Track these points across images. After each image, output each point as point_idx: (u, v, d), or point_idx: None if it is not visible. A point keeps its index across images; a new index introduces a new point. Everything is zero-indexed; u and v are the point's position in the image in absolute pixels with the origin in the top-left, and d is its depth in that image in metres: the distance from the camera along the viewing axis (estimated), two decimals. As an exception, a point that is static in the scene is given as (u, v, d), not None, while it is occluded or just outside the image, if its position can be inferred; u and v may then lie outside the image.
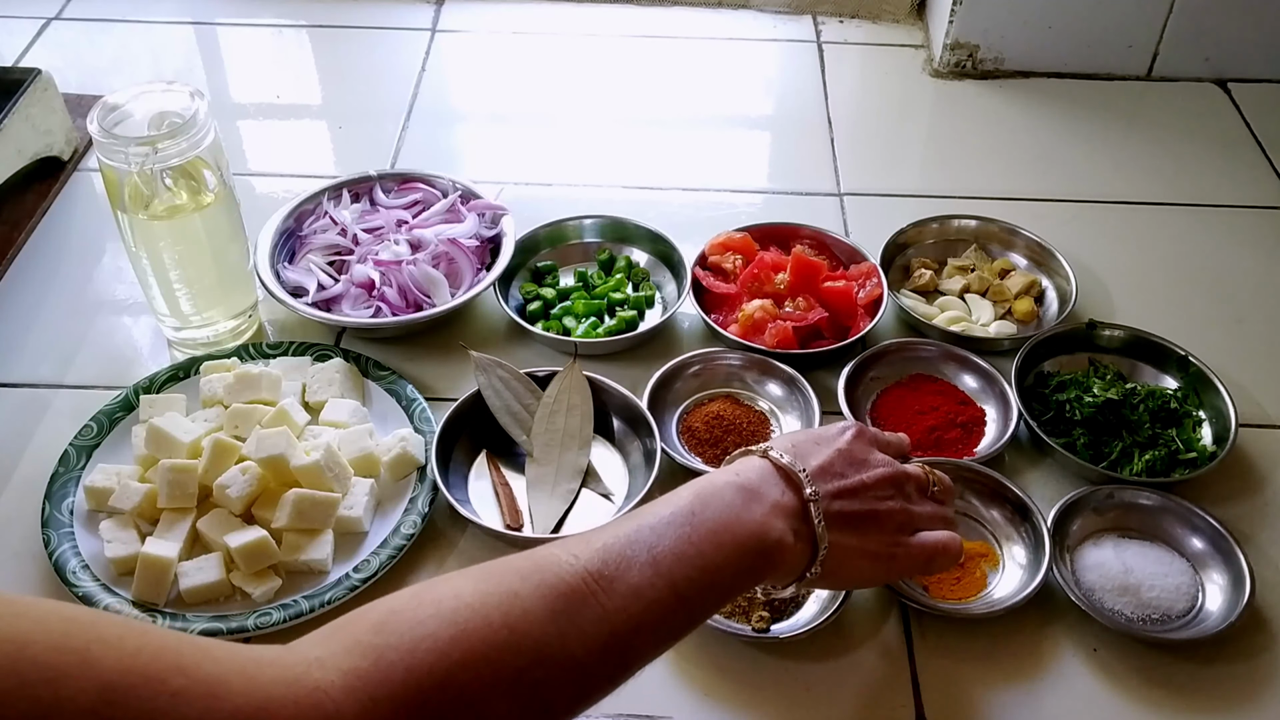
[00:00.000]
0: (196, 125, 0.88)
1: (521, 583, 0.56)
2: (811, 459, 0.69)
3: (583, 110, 1.33)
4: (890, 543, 0.70)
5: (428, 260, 1.01)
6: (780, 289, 1.02)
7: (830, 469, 0.69)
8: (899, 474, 0.72)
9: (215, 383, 0.92)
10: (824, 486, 0.67)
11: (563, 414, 0.91)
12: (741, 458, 0.70)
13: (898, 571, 0.73)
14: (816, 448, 0.70)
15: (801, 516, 0.66)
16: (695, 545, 0.61)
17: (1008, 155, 1.26)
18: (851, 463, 0.70)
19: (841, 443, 0.71)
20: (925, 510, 0.73)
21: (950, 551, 0.72)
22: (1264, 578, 0.83)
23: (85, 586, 0.80)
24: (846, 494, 0.68)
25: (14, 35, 1.42)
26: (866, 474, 0.70)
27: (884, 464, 0.71)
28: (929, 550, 0.71)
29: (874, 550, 0.69)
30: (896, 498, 0.71)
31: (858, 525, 0.68)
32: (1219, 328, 1.05)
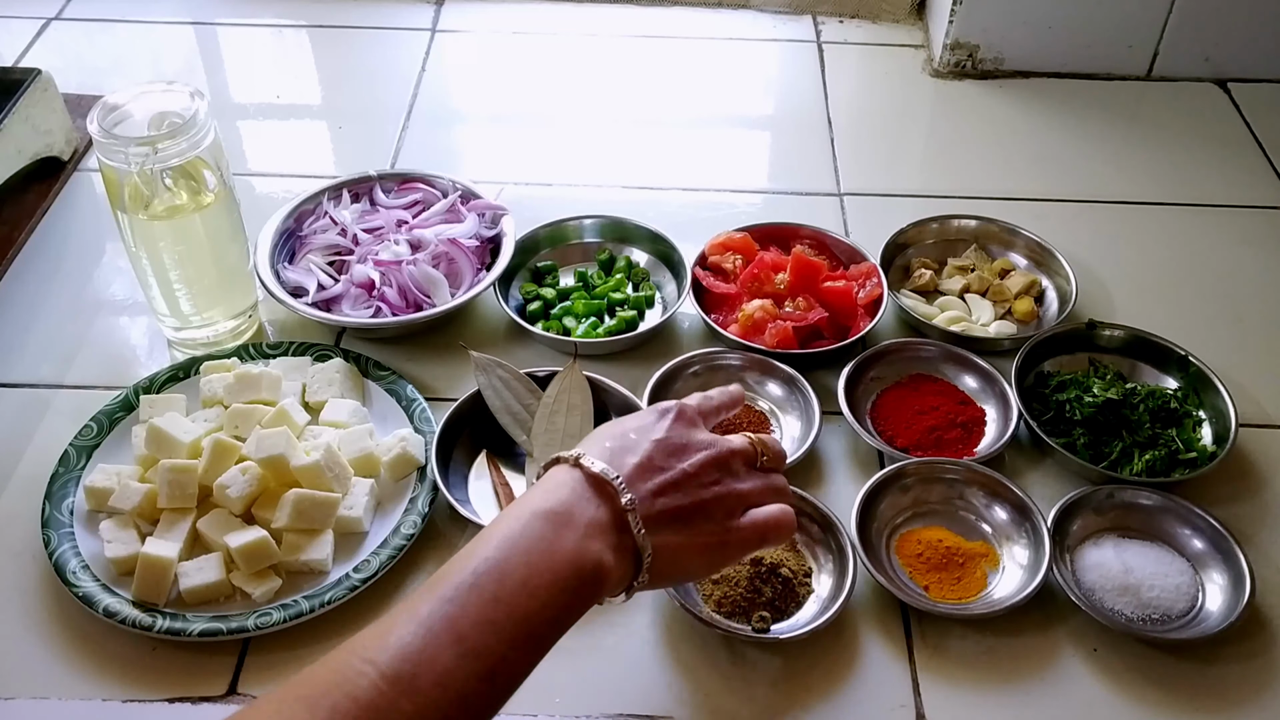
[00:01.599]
0: (196, 125, 0.88)
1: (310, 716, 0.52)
2: (628, 457, 0.66)
3: (583, 110, 1.33)
4: (720, 530, 0.68)
5: (428, 260, 1.01)
6: (780, 289, 1.02)
7: (649, 465, 0.66)
8: (723, 454, 0.69)
9: (215, 383, 0.92)
10: (643, 487, 0.65)
11: (563, 414, 0.91)
12: (554, 467, 0.67)
13: (731, 557, 0.70)
14: (634, 442, 0.67)
15: (619, 528, 0.63)
16: (505, 604, 0.58)
17: (1008, 155, 1.26)
18: (672, 452, 0.68)
19: (659, 431, 0.68)
20: (754, 486, 0.70)
21: (783, 525, 0.70)
22: (1264, 578, 0.83)
23: (85, 586, 0.80)
24: (669, 489, 0.66)
25: (14, 35, 1.42)
26: (688, 462, 0.67)
27: (706, 446, 0.69)
28: (760, 529, 0.69)
29: (704, 542, 0.67)
30: (723, 480, 0.68)
31: (684, 520, 0.66)
32: (1219, 328, 1.05)
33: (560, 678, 0.78)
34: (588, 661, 0.79)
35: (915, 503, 0.88)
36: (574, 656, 0.79)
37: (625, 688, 0.77)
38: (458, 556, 0.61)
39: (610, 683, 0.78)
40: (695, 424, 0.71)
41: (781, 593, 0.81)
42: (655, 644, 0.80)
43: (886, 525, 0.87)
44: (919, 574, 0.83)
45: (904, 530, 0.87)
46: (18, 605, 0.81)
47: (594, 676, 0.78)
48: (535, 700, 0.76)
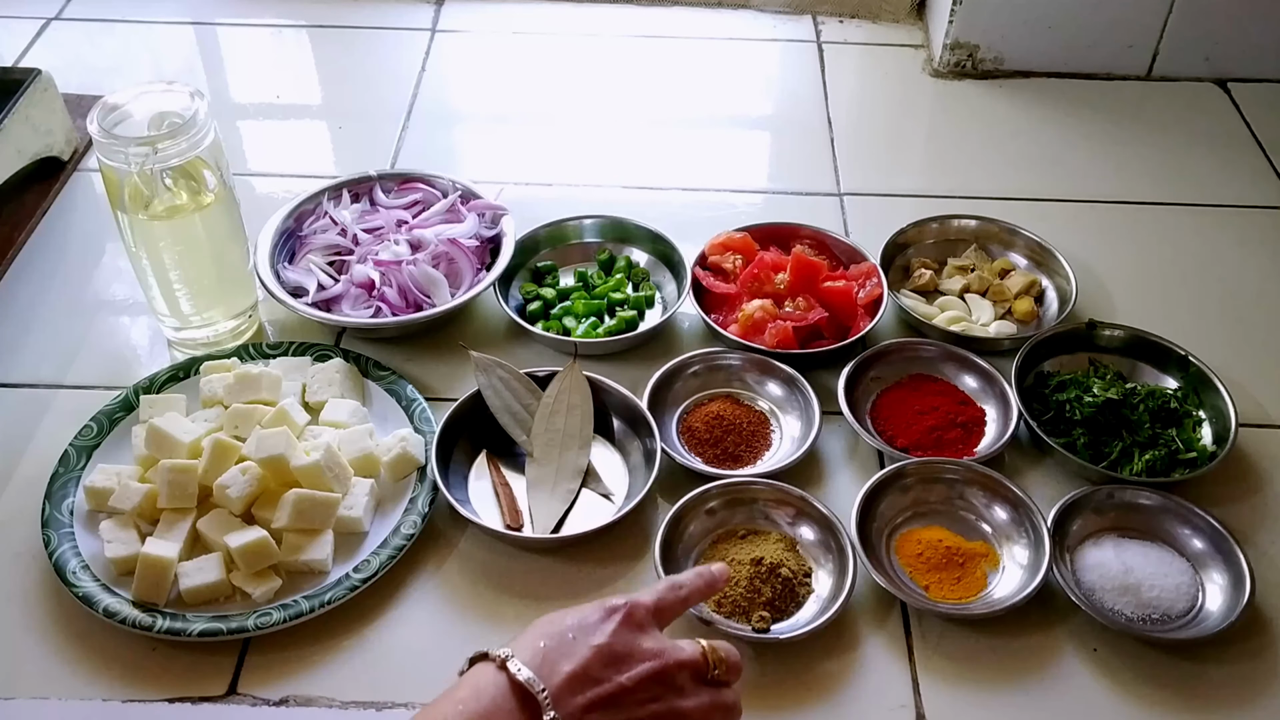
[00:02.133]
0: (196, 125, 0.88)
1: None
2: (561, 664, 0.61)
3: (583, 110, 1.33)
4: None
5: (428, 260, 1.01)
6: (780, 289, 1.02)
7: (584, 676, 0.61)
8: (668, 667, 0.63)
9: (215, 383, 0.92)
10: (572, 702, 0.60)
11: (563, 414, 0.91)
12: (480, 664, 0.63)
13: None
14: (570, 645, 0.62)
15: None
16: None
17: (1008, 155, 1.26)
18: (611, 661, 0.62)
19: (601, 635, 0.63)
20: (697, 704, 0.64)
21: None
22: (1264, 578, 0.83)
23: (85, 587, 0.80)
24: (602, 704, 0.61)
25: (14, 35, 1.42)
26: (627, 675, 0.62)
27: (650, 657, 0.63)
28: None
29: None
30: (664, 698, 0.63)
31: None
32: (1219, 328, 1.05)
33: (560, 678, 0.78)
34: (588, 661, 0.79)
35: (915, 503, 0.88)
36: (574, 656, 0.79)
37: (625, 688, 0.77)
38: None
39: (610, 683, 0.78)
40: (644, 628, 0.65)
41: (781, 593, 0.81)
42: (655, 644, 0.80)
43: (886, 525, 0.87)
44: (919, 574, 0.83)
45: (904, 530, 0.87)
46: (18, 605, 0.81)
47: (594, 676, 0.78)
48: (535, 700, 0.76)
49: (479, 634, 0.80)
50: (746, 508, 0.87)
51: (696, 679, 0.65)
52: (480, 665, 0.62)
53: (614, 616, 0.64)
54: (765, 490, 0.87)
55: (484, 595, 0.83)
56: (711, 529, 0.86)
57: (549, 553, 0.86)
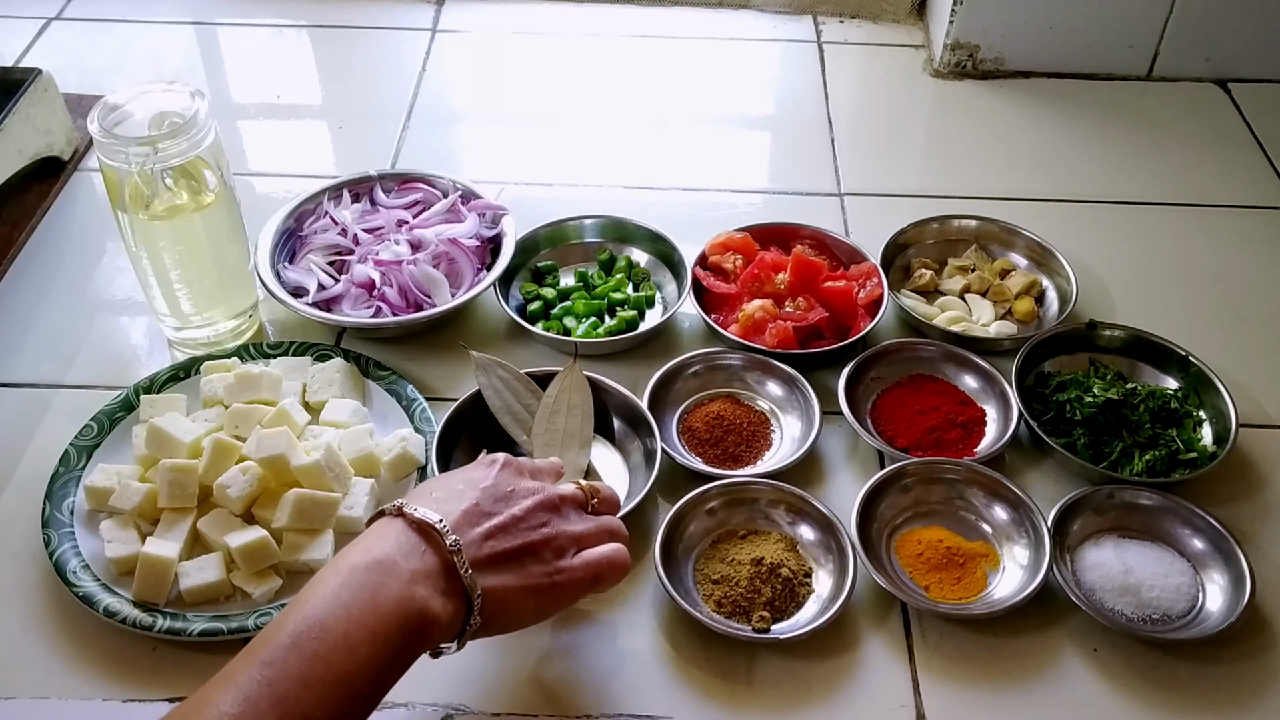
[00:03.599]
0: (197, 125, 0.88)
1: None
2: (454, 504, 0.66)
3: (583, 110, 1.33)
4: (551, 571, 0.68)
5: (428, 260, 1.01)
6: (780, 289, 1.02)
7: (476, 510, 0.67)
8: (551, 497, 0.70)
9: (215, 383, 0.92)
10: (470, 532, 0.65)
11: (563, 414, 0.91)
12: (378, 520, 0.67)
13: (564, 599, 0.70)
14: (460, 491, 0.68)
15: (447, 574, 0.63)
16: (325, 661, 0.57)
17: (1008, 155, 1.26)
18: (500, 497, 0.68)
19: (487, 480, 0.69)
20: (585, 528, 0.71)
21: (615, 564, 0.70)
22: (1264, 578, 0.83)
23: (85, 586, 0.80)
24: (497, 532, 0.66)
25: (14, 35, 1.42)
26: (517, 506, 0.68)
27: (535, 491, 0.70)
28: (593, 568, 0.69)
29: (535, 584, 0.67)
30: (552, 522, 0.69)
31: (513, 562, 0.66)
32: (1219, 328, 1.05)
33: (560, 678, 0.78)
34: (588, 661, 0.79)
35: (915, 503, 0.88)
36: (574, 656, 0.79)
37: (625, 688, 0.77)
38: (276, 618, 0.60)
39: (610, 683, 0.78)
40: (522, 473, 0.72)
41: (781, 593, 0.81)
42: (655, 644, 0.80)
43: (887, 525, 0.87)
44: (919, 574, 0.83)
45: (904, 530, 0.87)
46: (18, 605, 0.81)
47: (594, 676, 0.78)
48: (535, 700, 0.77)
49: (479, 634, 0.80)
50: (747, 508, 0.87)
51: (579, 509, 0.73)
52: (378, 520, 0.66)
53: (495, 464, 0.71)
54: (765, 490, 0.87)
55: (484, 595, 0.83)
56: (711, 529, 0.86)
57: (549, 553, 0.86)
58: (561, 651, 0.80)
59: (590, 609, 0.82)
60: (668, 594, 0.80)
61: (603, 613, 0.82)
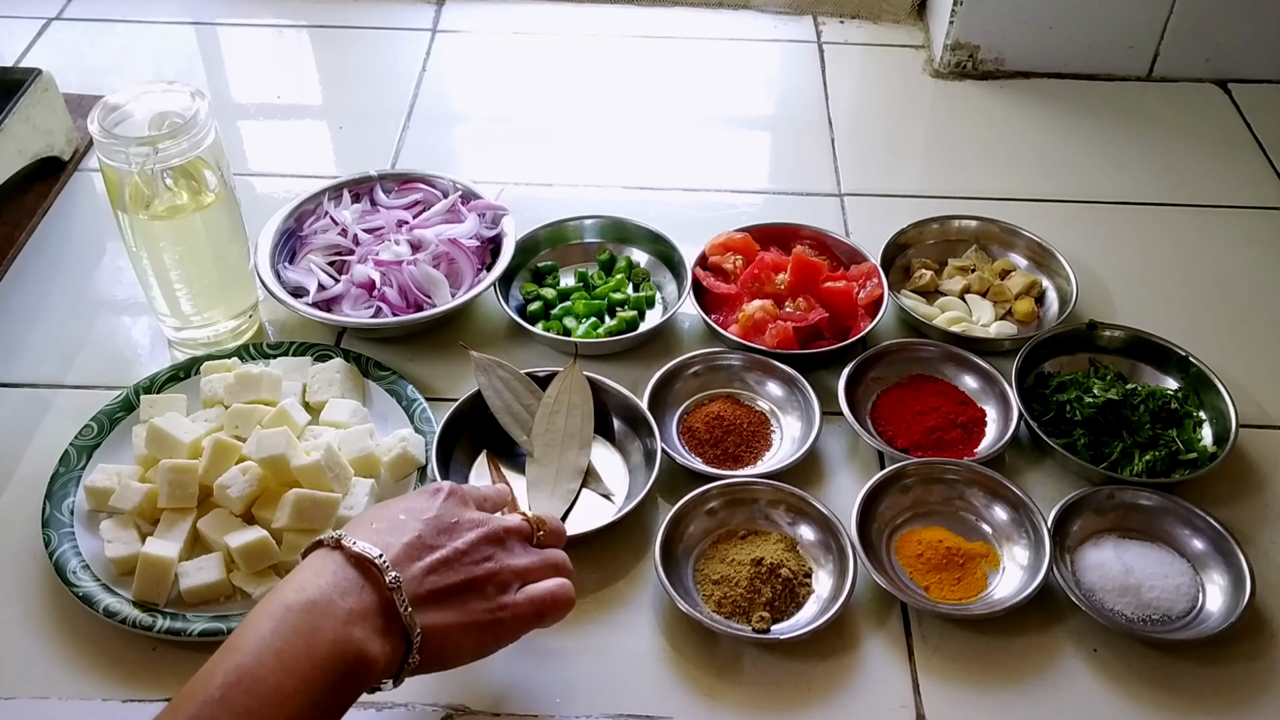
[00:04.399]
0: (197, 125, 0.88)
1: None
2: (396, 536, 0.65)
3: (583, 110, 1.33)
4: (494, 608, 0.66)
5: (428, 260, 1.01)
6: (780, 289, 1.02)
7: (418, 543, 0.65)
8: (496, 530, 0.68)
9: (216, 383, 0.92)
10: (412, 567, 0.64)
11: (563, 414, 0.91)
12: (315, 550, 0.64)
13: (508, 636, 0.68)
14: (402, 522, 0.66)
15: (385, 611, 0.62)
16: (257, 715, 0.55)
17: (1008, 155, 1.26)
18: (442, 530, 0.66)
19: (430, 511, 0.67)
20: (529, 562, 0.69)
21: (560, 600, 0.69)
22: (1264, 578, 0.83)
23: (85, 586, 0.80)
24: (439, 567, 0.65)
25: (15, 35, 1.42)
26: (460, 540, 0.66)
27: (479, 523, 0.68)
28: (537, 605, 0.68)
29: (476, 621, 0.65)
30: (496, 557, 0.67)
31: (455, 598, 0.65)
32: (1219, 328, 1.05)
33: (560, 678, 0.78)
34: (588, 661, 0.79)
35: (915, 503, 0.88)
36: (574, 656, 0.79)
37: (625, 688, 0.77)
38: (208, 663, 0.57)
39: (610, 683, 0.78)
40: (467, 503, 0.70)
41: (781, 593, 0.81)
42: (655, 644, 0.80)
43: (887, 526, 0.87)
44: (919, 574, 0.83)
45: (904, 531, 0.87)
46: (18, 605, 0.81)
47: (594, 676, 0.78)
48: (535, 700, 0.77)
49: (479, 634, 0.80)
50: (747, 508, 0.87)
51: (524, 542, 0.71)
52: (314, 552, 0.64)
53: (439, 494, 0.69)
54: (765, 490, 0.87)
55: (484, 595, 0.83)
56: (712, 529, 0.86)
57: (549, 553, 0.86)
58: (561, 651, 0.80)
59: (590, 609, 0.82)
60: (668, 594, 0.80)
61: (603, 613, 0.82)
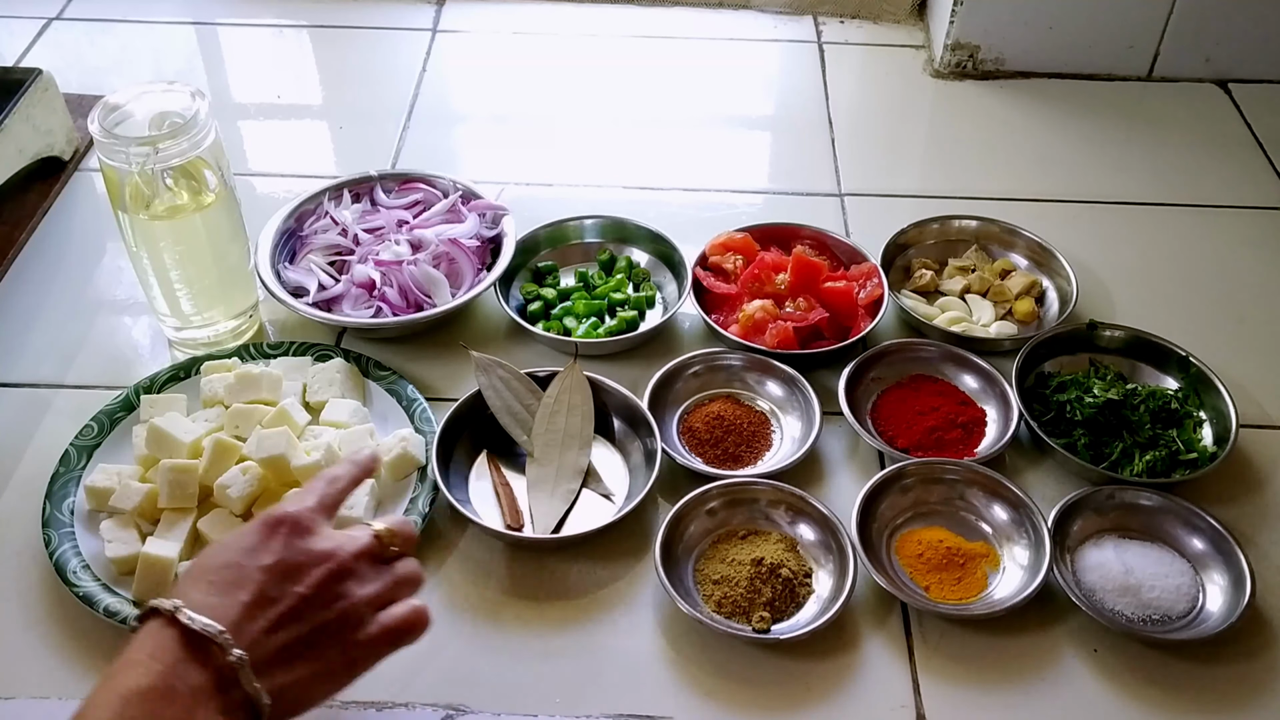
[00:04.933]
0: (197, 125, 0.88)
1: None
2: (235, 594, 0.60)
3: (583, 110, 1.33)
4: (348, 648, 0.63)
5: (428, 260, 1.01)
6: (781, 289, 1.02)
7: (261, 599, 0.60)
8: (345, 564, 0.64)
9: (216, 383, 0.92)
10: (253, 629, 0.59)
11: (563, 414, 0.91)
12: (150, 620, 0.59)
13: (362, 671, 0.64)
14: (241, 573, 0.61)
15: (230, 686, 0.58)
16: None
17: (1008, 155, 1.26)
18: (285, 575, 0.62)
19: (269, 554, 0.62)
20: (381, 586, 0.65)
21: (416, 625, 0.65)
22: (1265, 578, 0.83)
23: (85, 586, 0.80)
24: (286, 622, 0.60)
25: (15, 35, 1.42)
26: (305, 584, 0.62)
27: (325, 559, 0.63)
28: (391, 635, 0.64)
29: (330, 669, 0.62)
30: (346, 593, 0.63)
31: (306, 651, 0.61)
32: (1219, 328, 1.05)
33: (560, 678, 0.78)
34: (588, 661, 0.79)
35: (916, 503, 0.88)
36: (574, 656, 0.79)
37: (625, 688, 0.77)
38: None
39: (610, 683, 0.78)
40: (310, 530, 0.64)
41: (781, 593, 0.81)
42: (655, 644, 0.80)
43: (887, 525, 0.87)
44: (919, 574, 0.83)
45: (904, 530, 0.87)
46: (18, 605, 0.81)
47: (594, 676, 0.78)
48: (535, 700, 0.77)
49: (479, 634, 0.80)
50: (747, 508, 0.87)
51: (374, 563, 0.66)
52: (151, 623, 0.59)
53: (278, 532, 0.63)
54: (766, 490, 0.87)
55: (484, 595, 0.83)
56: (712, 529, 0.86)
57: (549, 553, 0.86)
58: (561, 651, 0.80)
59: (590, 609, 0.82)
60: (668, 594, 0.80)
61: (603, 613, 0.82)
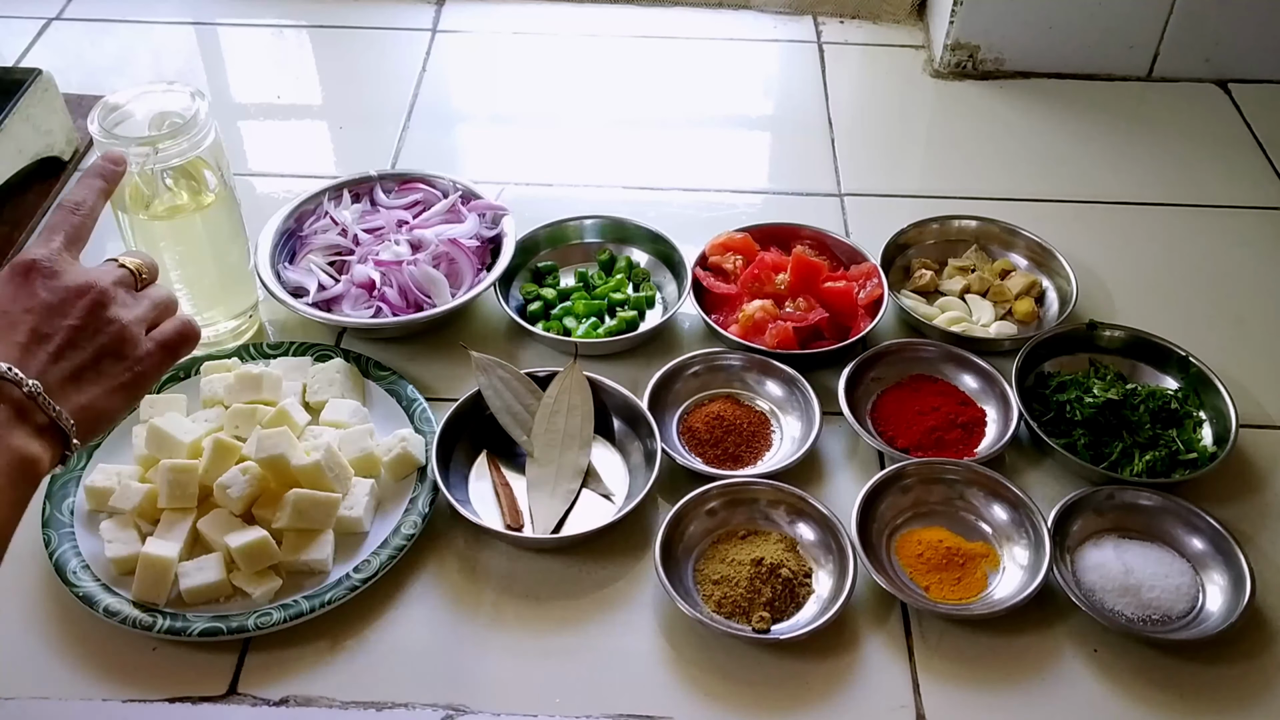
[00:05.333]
0: (197, 125, 0.88)
1: None
2: (11, 339, 0.64)
3: (583, 110, 1.33)
4: (131, 365, 0.68)
5: (428, 260, 1.01)
6: (781, 289, 1.02)
7: (36, 338, 0.65)
8: (104, 292, 0.68)
9: (216, 383, 0.92)
10: (37, 362, 0.64)
11: (563, 414, 0.91)
12: None
13: (150, 383, 0.70)
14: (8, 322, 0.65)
15: (32, 414, 0.63)
16: None
17: (1008, 155, 1.26)
18: (52, 312, 0.66)
19: (30, 298, 0.66)
20: (144, 309, 0.70)
21: (189, 335, 0.72)
22: (1264, 578, 0.83)
23: (85, 586, 0.80)
24: (65, 351, 0.65)
25: (15, 35, 1.42)
26: (73, 317, 0.66)
27: (84, 291, 0.67)
28: (170, 347, 0.70)
29: (121, 383, 0.67)
30: (115, 318, 0.68)
31: (92, 372, 0.66)
32: (1219, 328, 1.05)
33: (560, 678, 0.78)
34: (588, 661, 0.79)
35: (916, 503, 0.88)
36: (574, 656, 0.79)
37: (625, 688, 0.77)
38: None
39: (610, 683, 0.78)
40: (59, 270, 0.68)
41: (781, 593, 0.81)
42: (655, 644, 0.80)
43: (887, 526, 0.87)
44: (919, 574, 0.83)
45: (904, 531, 0.87)
46: (18, 605, 0.81)
47: (594, 676, 0.78)
48: (535, 700, 0.77)
49: (479, 634, 0.80)
50: (747, 508, 0.87)
51: (131, 292, 0.71)
52: None
53: (32, 276, 0.67)
54: (765, 490, 0.87)
55: (484, 595, 0.83)
56: (712, 529, 0.86)
57: (549, 553, 0.86)
58: (561, 651, 0.80)
59: (590, 609, 0.82)
60: (668, 594, 0.80)
61: (603, 613, 0.82)
